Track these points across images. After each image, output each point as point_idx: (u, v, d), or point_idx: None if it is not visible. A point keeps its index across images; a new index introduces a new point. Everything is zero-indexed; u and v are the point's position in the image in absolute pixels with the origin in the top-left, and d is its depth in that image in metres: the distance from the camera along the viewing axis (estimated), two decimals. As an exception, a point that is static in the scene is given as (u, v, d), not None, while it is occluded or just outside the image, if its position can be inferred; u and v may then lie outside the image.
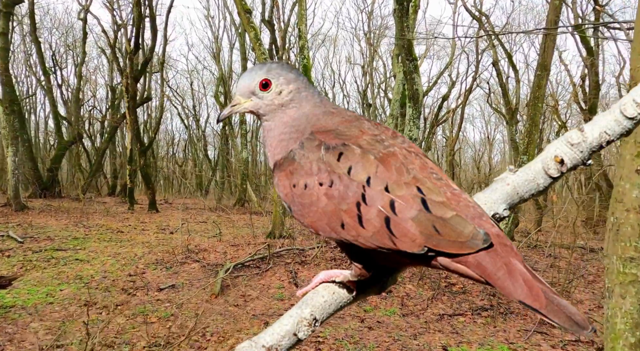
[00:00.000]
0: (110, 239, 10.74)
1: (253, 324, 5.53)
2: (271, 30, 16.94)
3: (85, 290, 6.41)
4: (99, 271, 7.68)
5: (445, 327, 5.94)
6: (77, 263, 8.20)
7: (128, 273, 7.56)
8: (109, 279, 7.19)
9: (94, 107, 33.03)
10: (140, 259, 8.55)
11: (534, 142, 8.41)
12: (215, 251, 9.38)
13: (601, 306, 6.99)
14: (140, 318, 5.48)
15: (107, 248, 9.66)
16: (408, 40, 8.59)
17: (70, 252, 9.03)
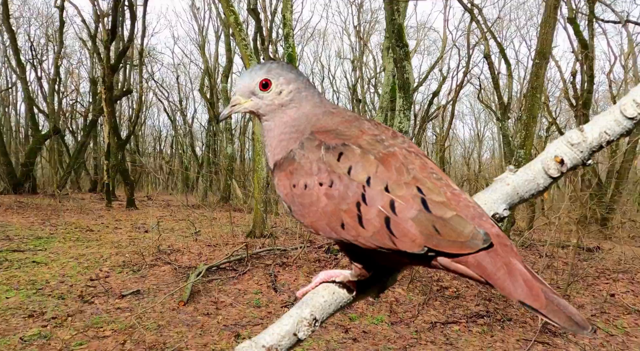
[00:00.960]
0: (77, 239, 9.90)
1: (222, 337, 4.89)
2: (256, 19, 16.15)
3: (35, 298, 5.69)
4: (56, 275, 6.92)
5: (438, 337, 5.37)
6: (33, 266, 7.41)
7: (89, 277, 6.82)
8: (67, 285, 6.45)
9: (76, 101, 31.90)
10: (105, 262, 7.82)
11: (532, 136, 7.89)
12: (189, 252, 8.68)
13: (605, 311, 6.50)
14: (93, 330, 4.79)
15: (72, 248, 8.86)
16: (399, 25, 7.99)
17: (28, 253, 8.24)
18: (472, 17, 16.83)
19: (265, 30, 17.81)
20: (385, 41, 13.38)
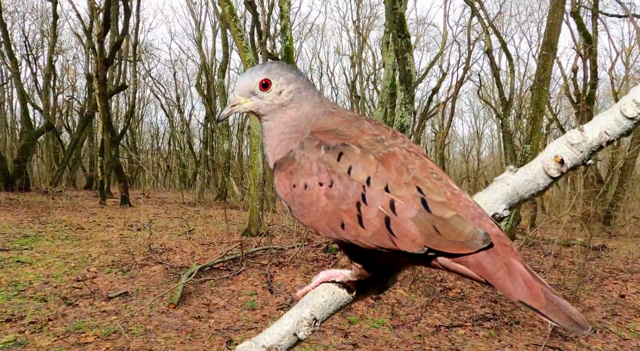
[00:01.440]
0: (66, 238, 9.51)
1: (213, 343, 4.57)
2: (253, 12, 15.77)
3: (16, 301, 5.36)
4: (41, 275, 6.58)
5: (443, 342, 5.07)
6: (17, 266, 7.03)
7: (75, 278, 6.48)
8: (51, 286, 6.11)
9: (72, 97, 31.44)
10: (93, 261, 7.47)
11: (539, 130, 7.57)
12: (182, 251, 8.35)
13: (616, 313, 6.21)
14: (74, 336, 4.47)
15: (59, 247, 8.47)
16: (400, 15, 7.65)
17: (13, 253, 7.86)
18: (473, 10, 16.49)
19: (262, 24, 17.42)
20: (384, 36, 13.03)
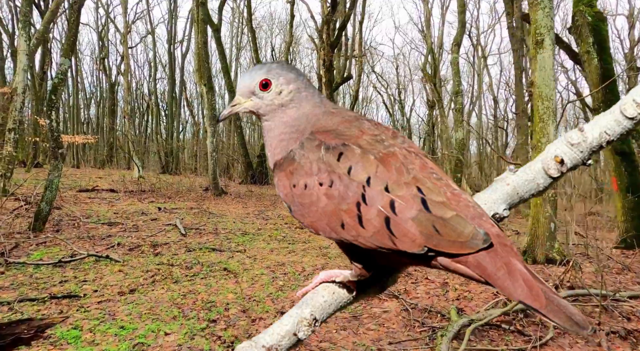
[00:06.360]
0: (282, 239, 8.03)
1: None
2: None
3: (199, 341, 3.66)
4: (240, 297, 4.83)
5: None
6: (221, 277, 5.49)
7: (279, 309, 4.63)
8: (247, 317, 4.31)
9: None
10: (306, 279, 5.64)
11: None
12: (428, 280, 5.99)
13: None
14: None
15: (272, 252, 7.10)
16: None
17: (225, 255, 6.72)
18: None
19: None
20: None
